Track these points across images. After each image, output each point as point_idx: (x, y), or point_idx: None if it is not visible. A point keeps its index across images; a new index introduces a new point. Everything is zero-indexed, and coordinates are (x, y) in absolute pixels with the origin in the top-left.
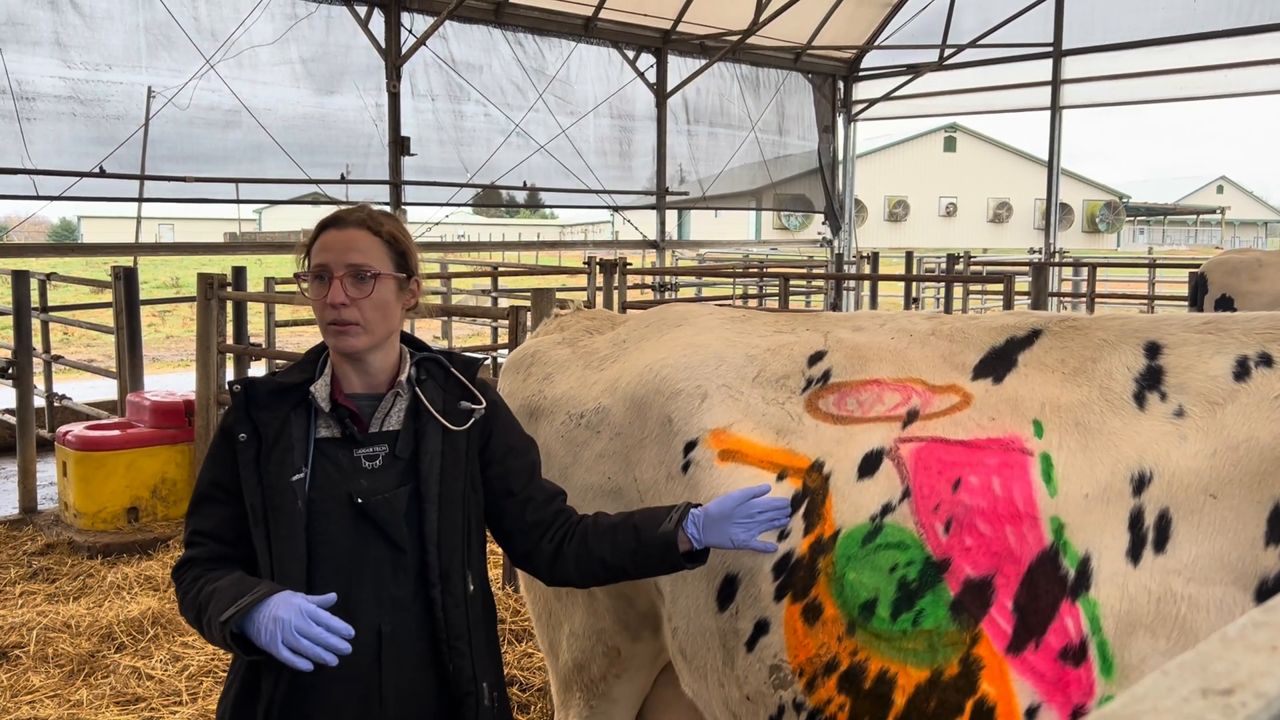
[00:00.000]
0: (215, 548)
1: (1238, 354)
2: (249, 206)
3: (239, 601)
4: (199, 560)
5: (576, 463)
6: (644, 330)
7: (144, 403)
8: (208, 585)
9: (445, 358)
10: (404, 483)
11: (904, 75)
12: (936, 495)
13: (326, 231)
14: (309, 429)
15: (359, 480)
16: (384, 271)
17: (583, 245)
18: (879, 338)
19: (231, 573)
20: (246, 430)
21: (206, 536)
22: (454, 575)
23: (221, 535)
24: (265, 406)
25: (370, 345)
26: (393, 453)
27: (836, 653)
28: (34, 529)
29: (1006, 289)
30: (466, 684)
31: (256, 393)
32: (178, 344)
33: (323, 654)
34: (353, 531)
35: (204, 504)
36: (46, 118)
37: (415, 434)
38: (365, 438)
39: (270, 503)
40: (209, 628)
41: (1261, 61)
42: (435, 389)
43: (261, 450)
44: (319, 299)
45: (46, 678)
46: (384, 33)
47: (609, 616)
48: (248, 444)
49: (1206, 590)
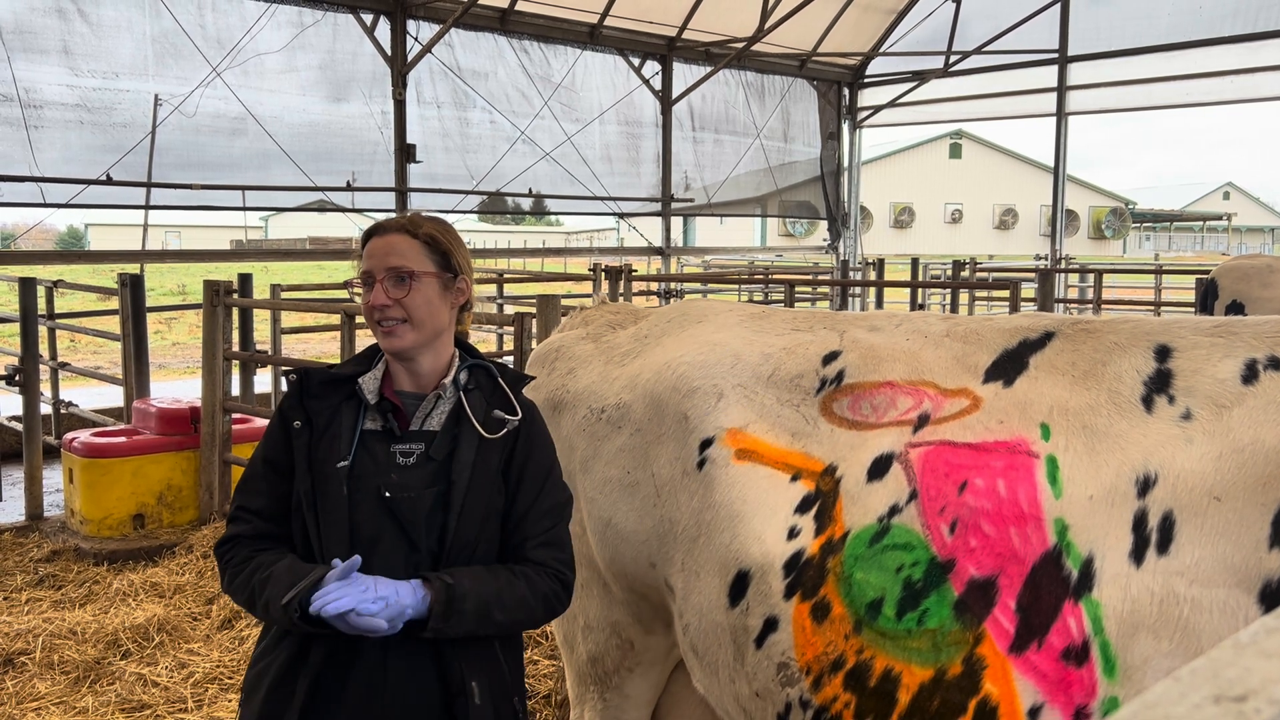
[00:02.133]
0: (260, 525)
1: (1247, 357)
2: (255, 214)
3: (298, 586)
4: (244, 538)
5: (597, 456)
6: (665, 326)
7: (150, 409)
8: (261, 570)
9: (496, 368)
10: (433, 483)
11: (909, 82)
12: (943, 497)
13: (370, 240)
14: (357, 420)
15: (390, 474)
16: (421, 270)
17: (588, 252)
18: (894, 338)
19: (279, 554)
20: (300, 418)
21: (253, 514)
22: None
23: (268, 512)
24: (317, 396)
25: (417, 343)
26: (427, 452)
27: (843, 651)
28: (40, 535)
29: (1013, 295)
30: (456, 684)
31: (310, 382)
32: (184, 351)
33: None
34: (376, 522)
35: (254, 480)
36: (54, 125)
37: (453, 438)
38: (404, 434)
39: (319, 488)
40: (266, 609)
41: (1268, 68)
42: (480, 399)
43: (313, 438)
44: (366, 303)
45: (52, 685)
46: (390, 40)
47: (623, 609)
48: (301, 431)
49: (1209, 592)
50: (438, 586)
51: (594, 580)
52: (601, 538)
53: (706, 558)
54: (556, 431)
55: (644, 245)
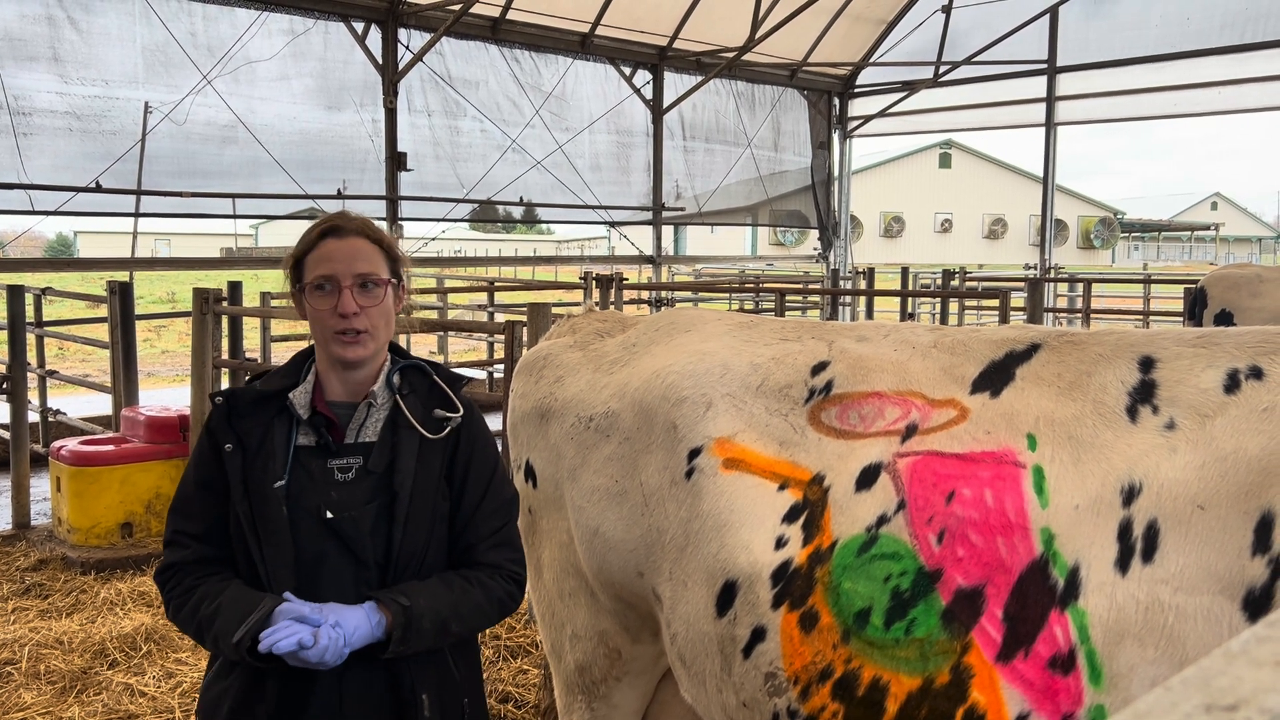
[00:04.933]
0: (200, 549)
1: (1229, 367)
2: (245, 222)
3: (247, 622)
4: (186, 565)
5: (585, 465)
6: (653, 334)
7: (139, 418)
8: (207, 602)
9: (430, 366)
10: (374, 498)
11: (899, 92)
12: (931, 507)
13: (326, 240)
14: (290, 436)
15: (329, 492)
16: (385, 279)
17: (579, 260)
18: (882, 349)
19: (223, 580)
20: (230, 440)
21: (191, 538)
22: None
23: (208, 537)
24: (246, 415)
25: (373, 353)
26: (365, 466)
27: (831, 660)
28: (27, 544)
29: (1002, 305)
30: (406, 693)
31: (238, 402)
32: (173, 359)
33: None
34: (319, 542)
35: (189, 503)
36: (44, 133)
37: (391, 447)
38: (340, 448)
39: (258, 510)
40: (216, 642)
41: (1256, 79)
42: (416, 401)
43: (245, 458)
44: (326, 309)
45: (38, 695)
46: (381, 49)
47: (610, 618)
48: (233, 453)
49: (1194, 600)
50: (395, 610)
51: (581, 589)
52: (589, 546)
53: (694, 567)
54: (544, 439)
55: (635, 254)
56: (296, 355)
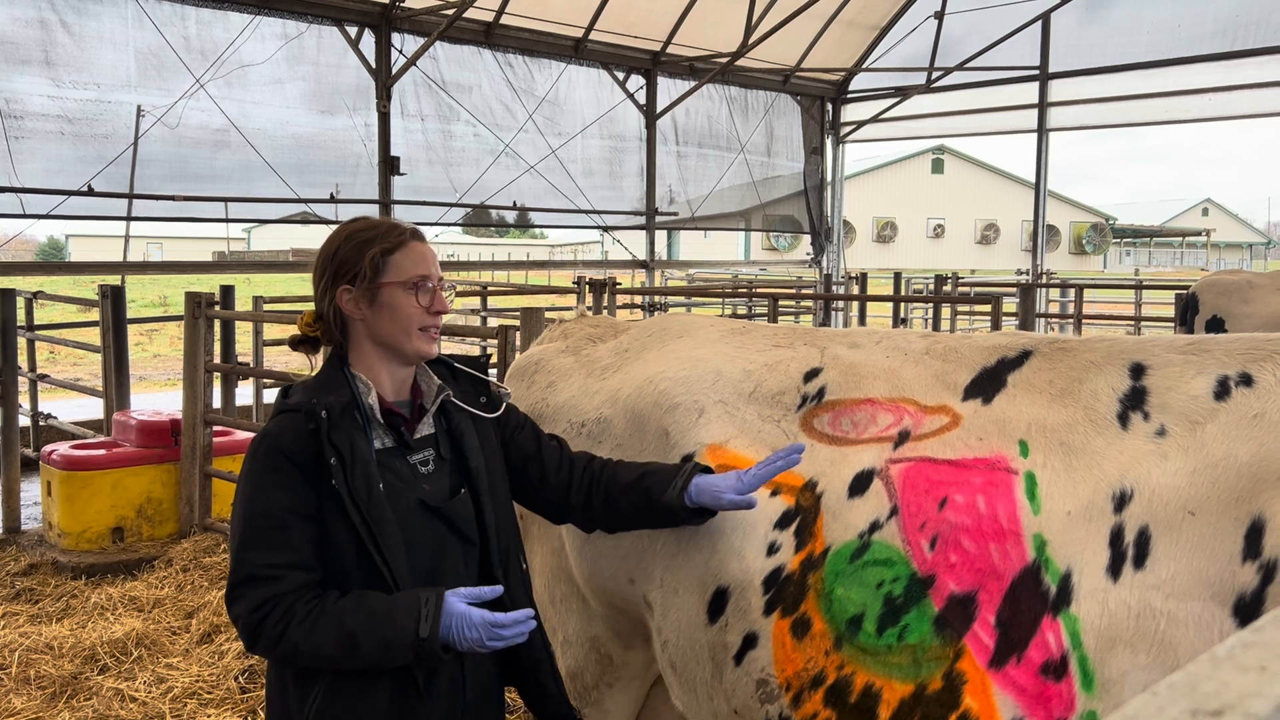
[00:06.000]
0: (300, 576)
1: (1219, 374)
2: (238, 225)
3: (424, 614)
4: (287, 595)
5: None
6: (645, 340)
7: (130, 422)
8: (349, 615)
9: (450, 359)
10: (460, 480)
11: (892, 98)
12: (923, 513)
13: (415, 242)
14: (369, 442)
15: (421, 485)
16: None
17: (572, 265)
18: (874, 356)
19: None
20: (334, 455)
21: (286, 568)
22: (512, 557)
23: (304, 564)
24: (338, 427)
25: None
26: (439, 454)
27: (823, 667)
28: (17, 549)
29: (994, 310)
30: (538, 651)
31: (334, 415)
32: (165, 363)
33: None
34: (429, 534)
35: (275, 533)
36: (35, 136)
37: (450, 434)
38: (414, 443)
39: (371, 516)
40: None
41: (1246, 85)
42: (456, 388)
43: (346, 470)
44: (420, 307)
45: (29, 700)
46: (374, 53)
47: (602, 624)
48: (337, 468)
49: (1185, 605)
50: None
51: (572, 595)
52: (580, 553)
53: (685, 574)
54: None
55: (628, 258)
56: (327, 366)
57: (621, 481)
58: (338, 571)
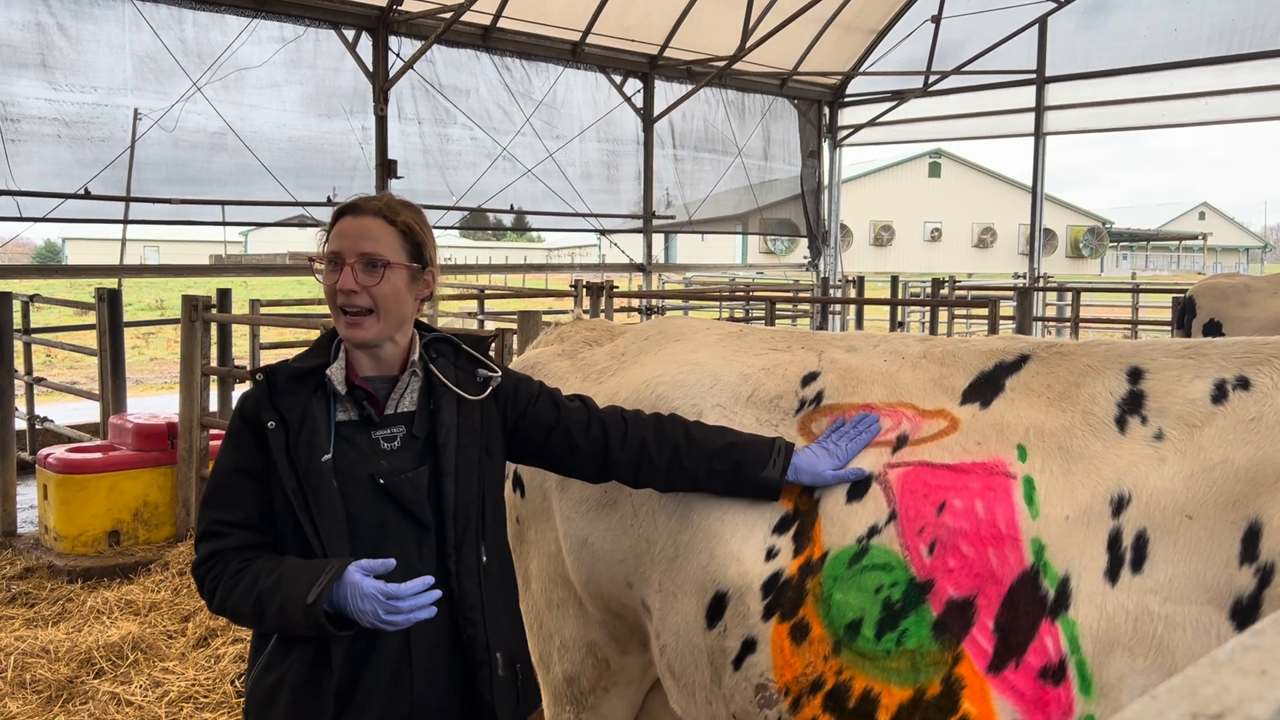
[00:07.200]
0: (243, 535)
1: (1216, 378)
2: (235, 229)
3: (319, 582)
4: (228, 551)
5: None
6: (642, 344)
7: (126, 425)
8: (265, 576)
9: (457, 338)
10: (423, 461)
11: (889, 101)
12: (922, 518)
13: (344, 218)
14: (329, 412)
15: (378, 461)
16: (395, 261)
17: (569, 268)
18: (872, 359)
19: (274, 559)
20: (273, 418)
21: (232, 526)
22: (467, 546)
23: (250, 523)
24: (286, 392)
25: (380, 335)
26: (410, 433)
27: (822, 672)
28: (13, 552)
29: (991, 313)
30: (480, 654)
31: (277, 379)
32: (162, 366)
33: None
34: (376, 511)
35: (227, 492)
36: (32, 139)
37: (430, 412)
38: (382, 419)
39: (307, 485)
40: (281, 613)
41: (1243, 89)
42: (447, 365)
43: (289, 435)
44: (330, 284)
45: (24, 704)
46: (371, 56)
47: (599, 629)
48: (277, 430)
49: (1182, 609)
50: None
51: (569, 599)
52: (577, 557)
53: (684, 578)
54: None
55: (625, 262)
56: (323, 336)
57: (703, 446)
58: (279, 537)
